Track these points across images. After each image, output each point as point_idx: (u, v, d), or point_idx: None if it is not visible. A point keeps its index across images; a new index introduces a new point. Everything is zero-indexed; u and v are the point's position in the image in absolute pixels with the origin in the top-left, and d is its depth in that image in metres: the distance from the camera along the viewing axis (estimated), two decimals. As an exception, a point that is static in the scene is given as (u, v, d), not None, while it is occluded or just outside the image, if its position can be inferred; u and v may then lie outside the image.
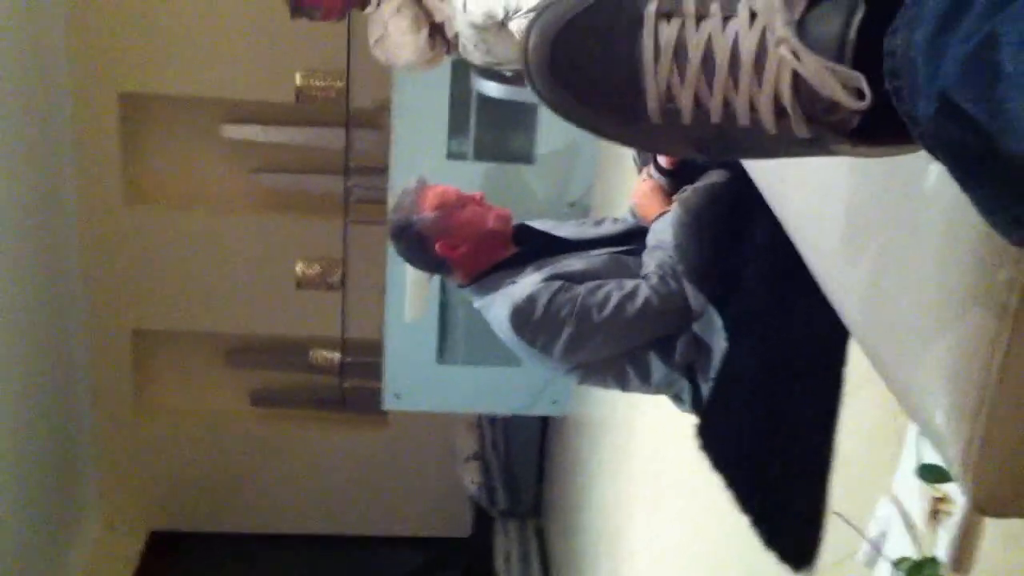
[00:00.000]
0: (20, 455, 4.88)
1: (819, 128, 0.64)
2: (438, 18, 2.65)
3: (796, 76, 0.63)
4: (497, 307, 2.02)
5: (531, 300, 1.95)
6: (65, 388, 5.41)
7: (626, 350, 2.02)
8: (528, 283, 1.99)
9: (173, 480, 5.99)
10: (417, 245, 2.11)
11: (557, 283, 1.97)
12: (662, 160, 2.12)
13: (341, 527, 6.15)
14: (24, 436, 4.92)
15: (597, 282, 1.98)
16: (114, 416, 5.73)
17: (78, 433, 5.63)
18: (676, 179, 2.10)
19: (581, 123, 0.74)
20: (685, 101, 0.67)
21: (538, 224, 2.21)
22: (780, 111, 0.64)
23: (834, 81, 0.61)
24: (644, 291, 1.95)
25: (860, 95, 0.61)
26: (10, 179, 4.56)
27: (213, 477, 5.98)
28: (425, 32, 2.64)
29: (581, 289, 1.96)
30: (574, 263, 2.03)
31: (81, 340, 5.48)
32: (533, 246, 2.12)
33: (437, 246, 2.08)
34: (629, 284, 1.97)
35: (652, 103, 0.69)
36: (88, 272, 5.36)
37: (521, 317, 1.95)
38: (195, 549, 6.12)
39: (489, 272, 2.10)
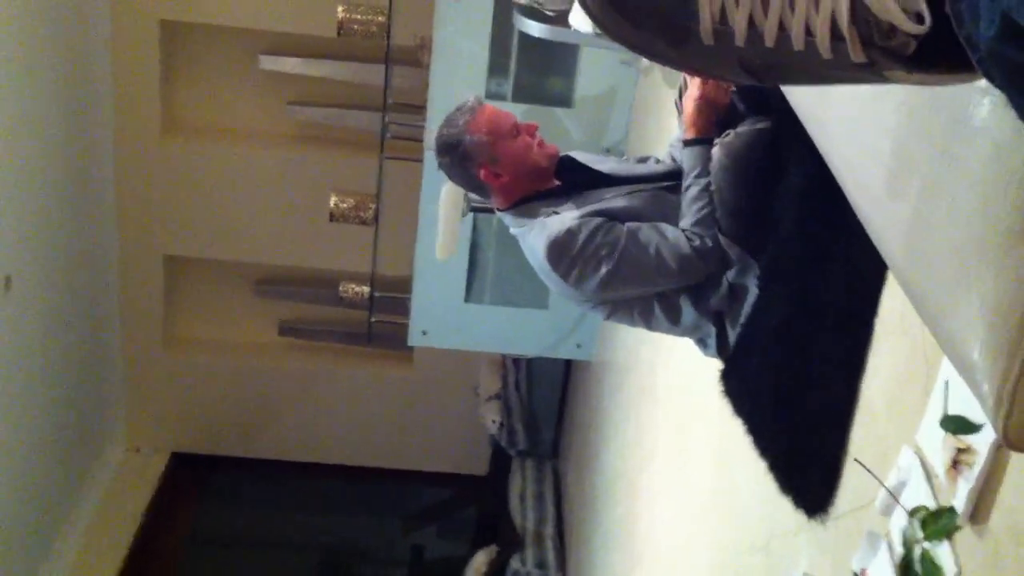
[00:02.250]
0: (50, 376, 4.98)
1: (875, 53, 0.63)
2: None
3: None
4: (534, 236, 2.03)
5: (570, 234, 1.96)
6: (96, 311, 5.49)
7: (658, 293, 2.04)
8: (568, 217, 2.00)
9: (198, 406, 6.08)
10: (460, 164, 2.12)
11: (597, 220, 1.97)
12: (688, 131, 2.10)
13: (360, 459, 6.24)
14: (54, 357, 5.01)
15: (638, 225, 1.99)
16: (143, 340, 5.81)
17: (107, 356, 5.72)
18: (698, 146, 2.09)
19: (632, 45, 0.74)
20: (739, 23, 0.67)
21: (582, 157, 2.21)
22: (836, 35, 0.64)
23: (893, 4, 0.61)
24: (684, 245, 1.96)
25: (919, 19, 0.60)
26: (48, 105, 4.59)
27: (237, 404, 6.07)
28: None
29: (623, 230, 1.97)
30: (615, 200, 2.04)
31: (114, 265, 5.55)
32: (575, 179, 2.13)
33: (480, 172, 2.10)
34: (670, 233, 1.98)
35: (705, 24, 0.68)
36: (122, 198, 5.41)
37: (558, 250, 1.97)
38: (217, 473, 6.25)
39: (529, 200, 2.11)
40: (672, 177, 2.12)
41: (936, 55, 0.63)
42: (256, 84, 5.35)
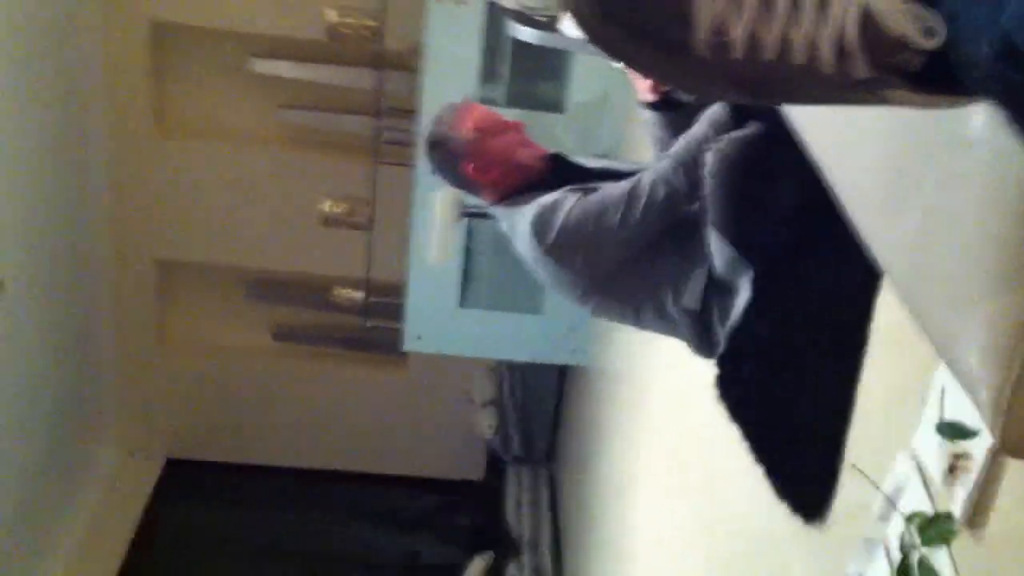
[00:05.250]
0: (41, 380, 4.95)
1: (879, 70, 0.62)
2: None
3: (865, 12, 0.61)
4: (522, 218, 2.04)
5: (555, 202, 1.98)
6: (88, 316, 5.47)
7: (644, 249, 2.01)
8: (555, 193, 2.02)
9: (191, 411, 6.07)
10: (448, 162, 2.15)
11: (581, 191, 1.99)
12: (647, 95, 2.10)
13: (354, 464, 6.22)
14: (47, 362, 4.99)
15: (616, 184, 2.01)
16: (135, 345, 5.79)
17: (99, 361, 5.69)
18: (666, 113, 2.09)
19: (621, 54, 0.71)
20: (738, 33, 0.65)
21: (573, 158, 2.22)
22: (840, 50, 0.62)
23: (907, 18, 0.60)
24: (648, 177, 1.97)
25: (929, 34, 0.60)
26: (40, 107, 4.57)
27: (231, 409, 6.06)
28: None
29: (600, 192, 1.99)
30: (601, 187, 2.06)
31: (105, 269, 5.53)
32: (565, 176, 2.13)
33: (467, 168, 2.12)
34: (646, 177, 2.00)
35: (701, 35, 0.65)
36: (114, 202, 5.39)
37: (542, 221, 1.98)
38: (211, 478, 6.22)
39: (517, 193, 2.12)
40: None
41: (933, 77, 0.62)
42: (247, 87, 5.34)
